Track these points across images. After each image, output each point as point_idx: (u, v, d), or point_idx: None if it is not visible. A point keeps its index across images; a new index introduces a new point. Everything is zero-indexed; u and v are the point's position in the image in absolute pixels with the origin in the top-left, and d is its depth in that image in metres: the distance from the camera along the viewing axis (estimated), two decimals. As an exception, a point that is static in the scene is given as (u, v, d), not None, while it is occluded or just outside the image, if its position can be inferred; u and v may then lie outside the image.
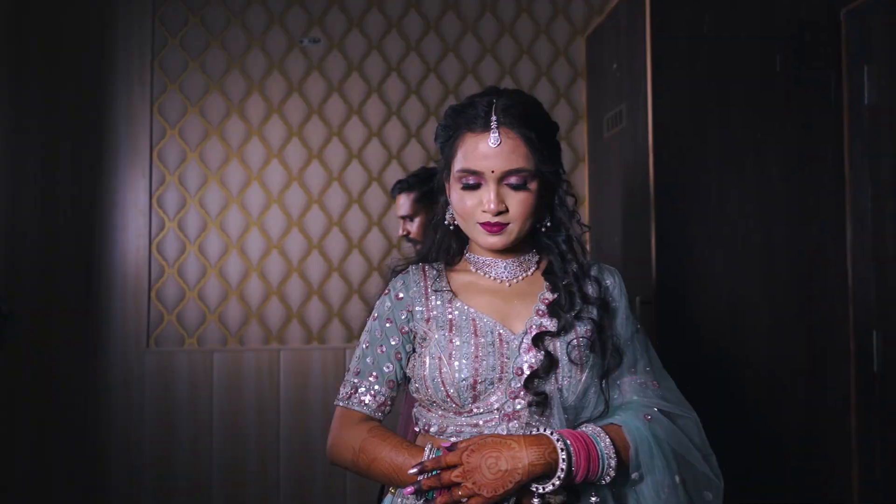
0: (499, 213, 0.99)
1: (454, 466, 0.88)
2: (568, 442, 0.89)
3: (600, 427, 0.94)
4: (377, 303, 1.09)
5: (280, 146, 2.83)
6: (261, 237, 2.79)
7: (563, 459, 0.87)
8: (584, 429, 0.94)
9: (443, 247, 1.10)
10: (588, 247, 1.08)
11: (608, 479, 0.90)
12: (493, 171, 0.98)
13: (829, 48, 2.19)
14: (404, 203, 2.00)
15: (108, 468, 2.67)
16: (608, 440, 0.91)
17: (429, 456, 0.93)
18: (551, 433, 0.90)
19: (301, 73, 2.86)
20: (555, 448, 0.88)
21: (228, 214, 2.79)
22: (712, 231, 2.07)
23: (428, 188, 2.00)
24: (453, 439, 0.99)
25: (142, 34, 2.79)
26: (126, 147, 2.77)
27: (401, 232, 2.04)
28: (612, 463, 0.90)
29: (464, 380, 0.96)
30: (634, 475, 0.93)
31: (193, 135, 2.80)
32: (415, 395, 1.05)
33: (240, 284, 2.77)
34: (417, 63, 2.92)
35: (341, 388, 1.07)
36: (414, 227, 1.99)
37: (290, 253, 2.81)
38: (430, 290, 1.05)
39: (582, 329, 1.00)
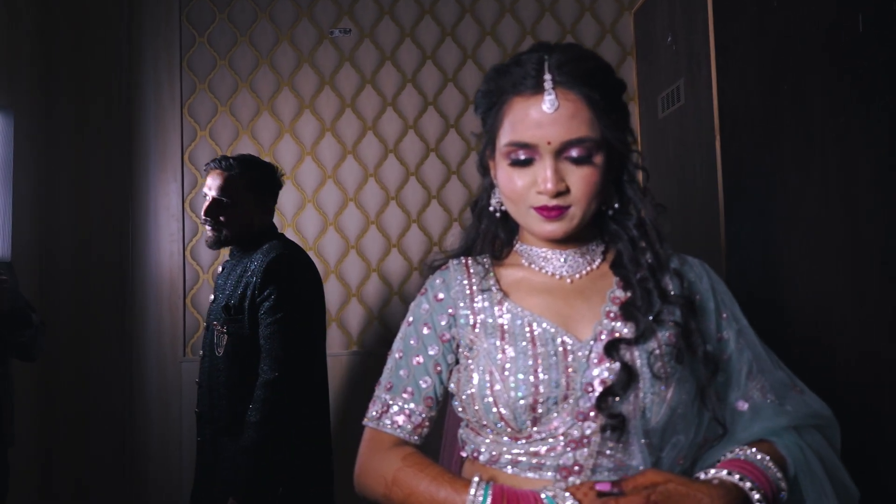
0: (558, 195, 0.80)
1: None
2: (763, 490, 0.76)
3: (756, 449, 0.80)
4: (412, 305, 0.92)
5: (313, 143, 2.71)
6: (296, 238, 2.67)
7: None
8: (740, 455, 0.80)
9: (488, 237, 0.92)
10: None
11: None
12: (549, 143, 0.79)
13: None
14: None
15: (146, 477, 2.60)
16: (774, 467, 0.79)
17: (476, 491, 0.76)
18: (740, 478, 0.76)
19: (332, 67, 2.73)
20: (752, 501, 0.75)
21: (262, 216, 2.69)
22: (791, 222, 1.83)
23: (259, 175, 1.83)
24: (508, 470, 0.81)
25: (169, 34, 2.71)
26: (156, 150, 2.69)
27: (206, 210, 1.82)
28: (784, 496, 0.79)
29: (521, 399, 0.78)
30: (792, 494, 0.81)
31: (224, 135, 2.70)
32: (461, 415, 0.88)
33: (276, 289, 2.66)
34: (454, 50, 2.75)
35: (371, 406, 0.90)
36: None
37: (326, 254, 2.68)
38: (475, 290, 0.87)
39: (664, 335, 0.81)
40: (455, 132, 2.72)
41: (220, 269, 1.95)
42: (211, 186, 1.81)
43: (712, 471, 0.77)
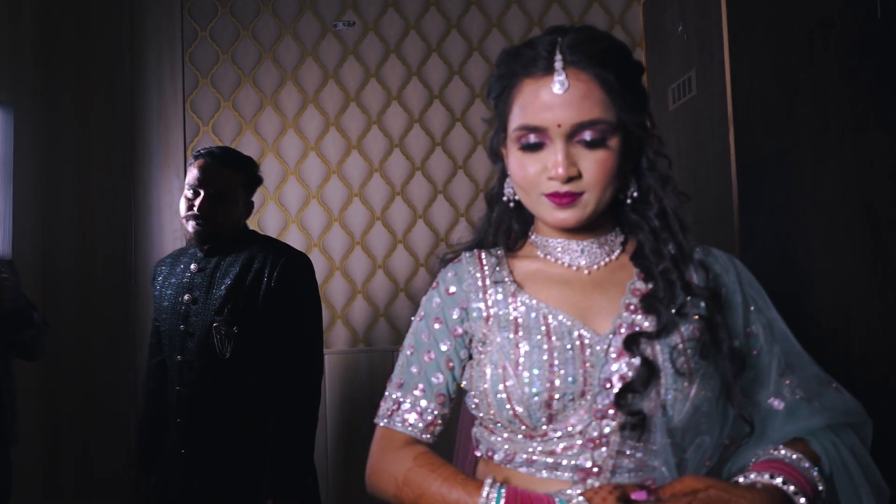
0: (569, 180, 0.76)
1: None
2: (806, 493, 0.73)
3: (793, 449, 0.77)
4: (424, 299, 0.89)
5: (317, 138, 2.67)
6: (300, 235, 2.64)
7: None
8: (777, 456, 0.77)
9: (501, 228, 0.88)
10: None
11: None
12: (559, 126, 0.75)
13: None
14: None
15: (153, 481, 2.58)
16: (812, 468, 0.76)
17: (489, 493, 0.72)
18: (783, 482, 0.72)
19: (336, 60, 2.69)
20: None
21: (266, 213, 2.65)
22: (807, 213, 1.78)
23: (251, 172, 1.77)
24: (523, 470, 0.78)
25: (171, 29, 2.68)
26: (159, 146, 2.67)
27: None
28: (823, 496, 0.76)
29: (535, 395, 0.74)
30: (828, 493, 0.78)
31: (227, 130, 2.67)
32: (474, 412, 0.84)
33: (280, 286, 2.63)
34: (460, 42, 2.71)
35: (382, 404, 0.87)
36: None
37: (331, 251, 2.65)
38: (488, 282, 0.83)
39: (687, 329, 0.77)
40: (461, 126, 2.69)
41: (192, 266, 1.79)
42: (204, 181, 1.69)
43: (752, 474, 0.73)
